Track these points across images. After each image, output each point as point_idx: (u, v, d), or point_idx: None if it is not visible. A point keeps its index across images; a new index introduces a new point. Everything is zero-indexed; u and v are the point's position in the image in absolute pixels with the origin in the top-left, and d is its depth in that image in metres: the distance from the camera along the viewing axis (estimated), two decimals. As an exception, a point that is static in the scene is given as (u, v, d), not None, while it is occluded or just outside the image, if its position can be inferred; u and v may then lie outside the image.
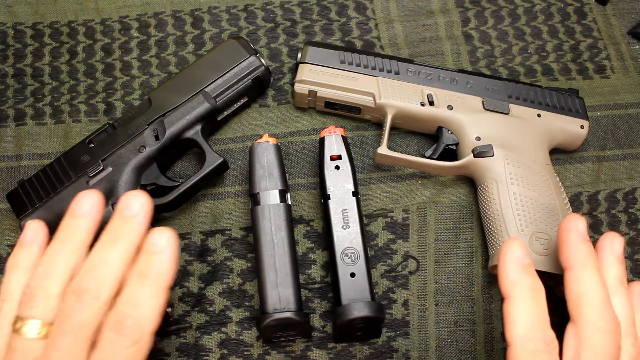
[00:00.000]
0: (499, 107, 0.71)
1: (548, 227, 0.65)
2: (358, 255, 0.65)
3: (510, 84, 0.72)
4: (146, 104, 0.71)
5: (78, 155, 0.69)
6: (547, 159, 0.69)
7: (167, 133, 0.69)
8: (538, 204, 0.66)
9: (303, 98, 0.73)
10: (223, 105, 0.72)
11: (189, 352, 0.68)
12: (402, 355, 0.68)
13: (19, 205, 0.68)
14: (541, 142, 0.70)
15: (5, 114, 0.75)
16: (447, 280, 0.70)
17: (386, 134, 0.71)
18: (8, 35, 0.79)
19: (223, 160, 0.70)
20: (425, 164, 0.70)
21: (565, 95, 0.73)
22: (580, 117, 0.72)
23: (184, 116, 0.70)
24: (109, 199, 0.67)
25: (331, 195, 0.67)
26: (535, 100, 0.72)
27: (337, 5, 0.80)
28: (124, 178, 0.68)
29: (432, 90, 0.71)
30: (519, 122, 0.70)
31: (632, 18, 0.81)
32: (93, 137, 0.70)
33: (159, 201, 0.69)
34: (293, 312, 0.62)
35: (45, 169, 0.69)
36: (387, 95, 0.71)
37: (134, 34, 0.79)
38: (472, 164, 0.69)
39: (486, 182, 0.68)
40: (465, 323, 0.69)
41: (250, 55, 0.72)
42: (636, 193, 0.74)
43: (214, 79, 0.71)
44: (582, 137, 0.72)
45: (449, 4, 0.81)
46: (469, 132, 0.70)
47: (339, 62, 0.72)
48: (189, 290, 0.70)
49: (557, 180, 0.69)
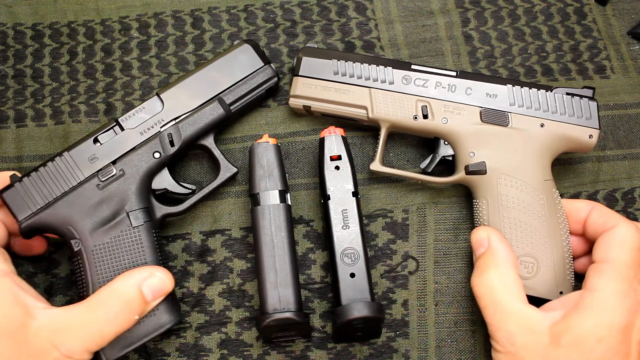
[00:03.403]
0: (497, 119, 0.68)
1: (535, 250, 0.64)
2: (358, 255, 0.65)
3: (514, 89, 0.68)
4: (156, 104, 0.69)
5: (85, 153, 0.66)
6: (547, 174, 0.67)
7: (182, 139, 0.68)
8: (527, 226, 0.65)
9: (299, 110, 0.73)
10: (236, 113, 0.71)
11: (188, 352, 0.68)
12: (402, 356, 0.68)
13: (19, 206, 0.64)
14: (541, 156, 0.67)
15: (6, 115, 0.75)
16: (446, 280, 0.70)
17: (380, 148, 0.70)
18: (8, 36, 0.79)
19: (237, 171, 0.70)
20: (419, 178, 0.70)
21: (576, 98, 0.68)
22: (590, 124, 0.67)
23: (199, 122, 0.68)
24: (120, 205, 0.65)
25: (331, 195, 0.67)
26: (540, 107, 0.68)
27: (337, 6, 0.80)
28: (137, 184, 0.66)
29: (427, 101, 0.69)
30: (519, 134, 0.67)
31: (632, 18, 0.81)
32: (99, 135, 0.67)
33: (173, 209, 0.68)
34: (293, 312, 0.63)
35: (47, 164, 0.65)
36: (379, 109, 0.69)
37: (134, 35, 0.79)
38: (464, 181, 0.69)
39: (478, 199, 0.68)
40: (465, 323, 0.69)
41: (266, 64, 0.71)
42: (635, 193, 0.74)
43: (229, 85, 0.70)
44: (590, 147, 0.68)
45: (449, 5, 0.81)
46: (463, 147, 0.68)
47: (332, 74, 0.70)
48: (189, 290, 0.70)
49: (555, 196, 0.66)
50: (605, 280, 0.58)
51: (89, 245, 0.64)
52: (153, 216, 0.67)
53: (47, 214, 0.64)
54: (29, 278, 0.70)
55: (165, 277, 0.62)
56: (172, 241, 0.71)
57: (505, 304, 0.59)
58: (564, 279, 0.64)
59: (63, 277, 0.70)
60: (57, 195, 0.65)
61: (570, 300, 0.59)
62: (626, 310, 0.56)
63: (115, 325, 0.59)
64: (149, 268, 0.62)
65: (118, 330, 0.59)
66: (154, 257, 0.65)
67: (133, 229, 0.65)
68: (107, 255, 0.64)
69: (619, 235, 0.60)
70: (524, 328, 0.58)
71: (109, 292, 0.60)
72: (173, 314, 0.64)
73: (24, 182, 0.65)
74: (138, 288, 0.60)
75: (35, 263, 0.71)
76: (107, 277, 0.63)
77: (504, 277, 0.60)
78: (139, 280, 0.61)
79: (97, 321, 0.58)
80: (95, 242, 0.64)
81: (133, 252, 0.64)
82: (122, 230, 0.65)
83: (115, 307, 0.59)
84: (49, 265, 0.71)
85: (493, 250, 0.62)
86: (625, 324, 0.56)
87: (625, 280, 0.57)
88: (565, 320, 0.57)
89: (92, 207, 0.65)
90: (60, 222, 0.64)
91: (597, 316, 0.56)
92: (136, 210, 0.65)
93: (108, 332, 0.59)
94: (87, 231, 0.64)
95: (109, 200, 0.65)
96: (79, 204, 0.65)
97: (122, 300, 0.60)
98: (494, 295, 0.60)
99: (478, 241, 0.63)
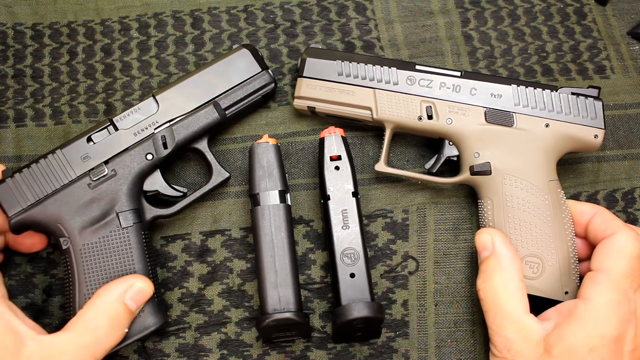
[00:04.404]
0: (502, 120, 0.68)
1: (540, 250, 0.64)
2: (358, 255, 0.65)
3: (519, 89, 0.68)
4: (151, 105, 0.69)
5: (78, 151, 0.66)
6: (552, 174, 0.67)
7: (175, 141, 0.68)
8: (532, 226, 0.65)
9: (304, 111, 0.73)
10: (231, 118, 0.71)
11: (188, 352, 0.68)
12: (402, 356, 0.68)
13: (9, 202, 0.64)
14: (546, 156, 0.67)
15: (5, 114, 0.75)
16: (446, 280, 0.70)
17: (384, 148, 0.70)
18: (8, 36, 0.79)
19: (229, 176, 0.70)
20: (424, 179, 0.70)
21: (581, 98, 0.68)
22: (595, 124, 0.67)
23: (193, 126, 0.68)
24: (110, 205, 0.65)
25: (331, 195, 0.67)
26: (545, 107, 0.67)
27: (337, 6, 0.80)
28: (128, 185, 0.66)
29: (431, 102, 0.69)
30: (524, 135, 0.67)
31: (632, 18, 0.81)
32: (93, 134, 0.67)
33: (163, 212, 0.68)
34: (293, 312, 0.62)
35: (39, 161, 0.65)
36: (384, 110, 0.69)
37: (133, 35, 0.79)
38: (469, 181, 0.68)
39: (483, 199, 0.68)
40: (465, 323, 0.69)
41: (263, 70, 0.71)
42: (635, 193, 0.74)
43: (225, 90, 0.70)
44: (596, 147, 0.68)
45: (448, 5, 0.81)
46: (468, 147, 0.68)
47: (337, 75, 0.70)
48: (189, 290, 0.70)
49: (561, 195, 0.66)
50: (599, 289, 0.58)
51: (77, 244, 0.64)
52: (143, 218, 0.67)
53: (37, 210, 0.64)
54: (27, 278, 0.70)
55: (145, 284, 0.62)
56: (172, 241, 0.71)
57: (506, 311, 0.59)
58: (569, 279, 0.64)
59: (62, 277, 0.70)
60: (48, 193, 0.65)
61: (564, 309, 0.60)
62: (619, 320, 0.57)
63: (106, 344, 0.59)
64: (127, 279, 0.62)
65: (109, 348, 0.60)
66: (142, 259, 0.65)
67: (122, 229, 0.65)
68: (95, 255, 0.64)
69: (617, 244, 0.60)
70: (522, 337, 0.58)
71: (94, 312, 0.60)
72: (158, 316, 0.64)
73: (16, 177, 0.65)
74: (122, 302, 0.61)
75: (34, 263, 0.71)
76: (94, 276, 0.63)
77: (508, 283, 0.60)
78: (121, 294, 0.61)
79: (87, 345, 0.58)
80: (84, 241, 0.64)
81: (121, 253, 0.64)
82: (111, 231, 0.65)
83: (104, 328, 0.59)
84: (48, 265, 0.71)
85: (498, 255, 0.62)
86: (617, 334, 0.56)
87: (619, 290, 0.57)
88: (557, 330, 0.58)
89: (83, 206, 0.65)
90: (50, 219, 0.64)
91: (589, 326, 0.57)
92: (126, 211, 0.65)
93: (99, 353, 0.59)
94: (76, 230, 0.64)
95: (99, 200, 0.65)
96: (70, 203, 0.65)
97: (109, 318, 0.60)
98: (497, 301, 0.60)
99: (482, 244, 0.63)
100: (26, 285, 0.70)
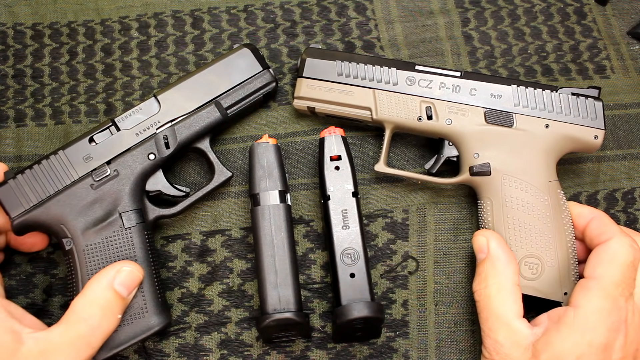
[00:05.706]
0: (502, 120, 0.67)
1: (539, 251, 0.64)
2: (358, 255, 0.65)
3: (519, 90, 0.68)
4: (153, 105, 0.69)
5: (80, 152, 0.66)
6: (552, 175, 0.67)
7: (178, 141, 0.68)
8: (532, 227, 0.65)
9: (304, 111, 0.73)
10: (232, 117, 0.71)
11: (188, 352, 0.68)
12: (402, 356, 0.68)
13: (12, 203, 0.64)
14: (546, 157, 0.67)
15: (6, 114, 0.75)
16: (446, 280, 0.70)
17: (384, 149, 0.70)
18: (8, 36, 0.79)
19: (232, 175, 0.70)
20: (424, 179, 0.70)
21: (581, 99, 0.68)
22: (595, 124, 0.67)
23: (195, 125, 0.68)
24: (112, 205, 0.65)
25: (331, 195, 0.67)
26: (545, 107, 0.67)
27: (337, 6, 0.80)
28: (130, 185, 0.66)
29: (431, 102, 0.69)
30: (524, 135, 0.67)
31: (632, 18, 0.81)
32: (95, 135, 0.67)
33: (166, 212, 0.68)
34: (293, 312, 0.62)
35: (42, 162, 0.65)
36: (383, 110, 0.69)
37: (133, 35, 0.79)
38: (468, 182, 0.68)
39: (482, 200, 0.68)
40: (465, 323, 0.69)
41: (264, 69, 0.71)
42: (635, 193, 0.74)
43: (226, 89, 0.70)
44: (596, 148, 0.68)
45: (448, 5, 0.81)
46: (468, 148, 0.68)
47: (336, 75, 0.70)
48: (189, 290, 0.70)
49: (561, 196, 0.66)
50: (588, 297, 0.58)
51: (80, 245, 0.64)
52: (146, 218, 0.67)
53: (39, 212, 0.64)
54: (27, 278, 0.70)
55: (133, 268, 0.62)
56: (172, 241, 0.71)
57: (498, 314, 0.60)
58: (568, 280, 0.64)
59: (62, 277, 0.70)
60: (50, 194, 0.65)
61: (555, 315, 0.60)
62: (607, 328, 0.56)
63: (101, 332, 0.59)
64: (114, 265, 0.62)
65: (105, 336, 0.60)
66: (145, 259, 0.65)
67: (125, 230, 0.65)
68: (99, 255, 0.64)
69: (611, 250, 0.60)
70: (511, 342, 0.58)
71: (85, 302, 0.60)
72: (162, 316, 0.64)
73: (18, 179, 0.64)
74: (111, 288, 0.60)
75: (34, 263, 0.71)
76: None
77: (502, 287, 0.61)
78: (110, 281, 0.61)
79: (82, 335, 0.58)
80: (87, 242, 0.64)
81: (124, 253, 0.64)
82: (114, 231, 0.65)
83: (96, 317, 0.59)
84: (48, 265, 0.71)
85: (492, 259, 0.62)
86: (606, 342, 0.56)
87: (609, 298, 0.57)
88: (546, 336, 0.58)
89: (85, 207, 0.65)
90: (52, 220, 0.64)
91: (578, 334, 0.57)
92: (129, 211, 0.65)
93: (95, 341, 0.59)
94: (79, 231, 0.64)
95: (102, 201, 0.65)
96: (72, 203, 0.64)
97: (101, 306, 0.60)
98: (489, 304, 0.60)
99: (478, 247, 0.64)
100: (26, 285, 0.70)
